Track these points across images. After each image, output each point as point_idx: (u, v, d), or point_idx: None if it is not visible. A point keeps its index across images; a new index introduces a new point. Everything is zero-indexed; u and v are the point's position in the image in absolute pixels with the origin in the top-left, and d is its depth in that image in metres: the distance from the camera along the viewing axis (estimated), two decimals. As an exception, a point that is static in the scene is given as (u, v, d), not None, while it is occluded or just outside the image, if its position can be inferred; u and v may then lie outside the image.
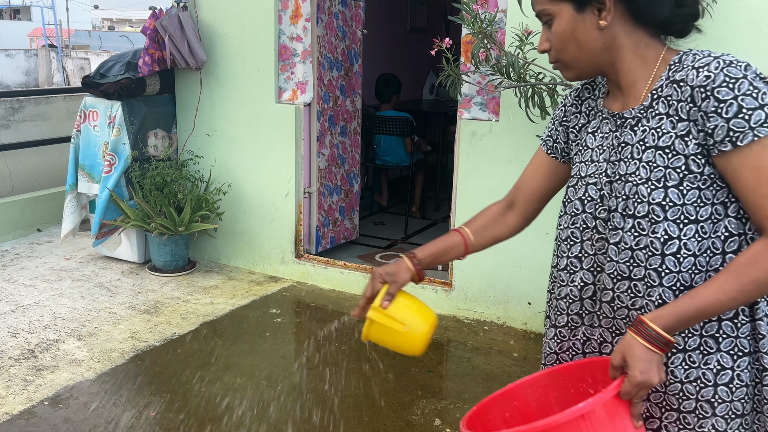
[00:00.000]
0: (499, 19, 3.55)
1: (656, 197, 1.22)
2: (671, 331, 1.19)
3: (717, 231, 1.22)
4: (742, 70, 1.17)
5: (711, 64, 1.19)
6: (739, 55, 3.27)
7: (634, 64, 1.30)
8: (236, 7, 4.41)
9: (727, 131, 1.16)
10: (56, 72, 19.59)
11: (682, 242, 1.22)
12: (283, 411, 2.97)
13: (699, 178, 1.20)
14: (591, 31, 1.29)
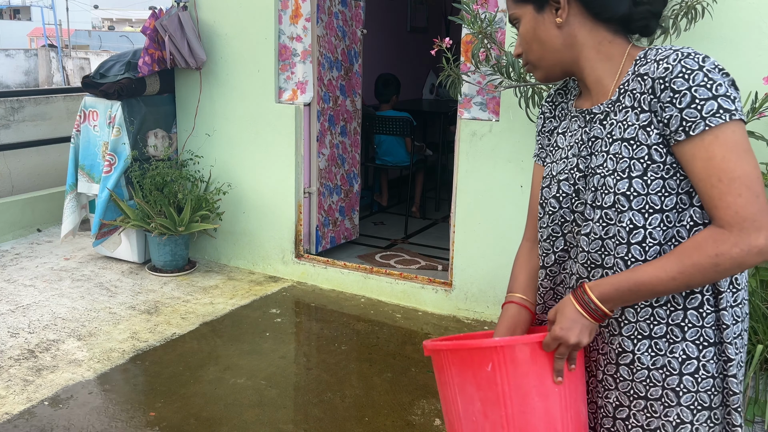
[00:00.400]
0: (499, 18, 3.55)
1: (621, 187, 1.24)
2: (607, 300, 1.24)
3: (682, 220, 1.24)
4: (699, 62, 1.19)
5: (670, 56, 1.21)
6: (739, 55, 3.28)
7: (597, 61, 1.32)
8: (236, 7, 4.41)
9: (680, 121, 1.18)
10: (56, 72, 19.59)
11: (647, 231, 1.24)
12: (283, 411, 2.97)
13: (662, 168, 1.22)
14: (551, 29, 1.33)
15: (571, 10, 1.30)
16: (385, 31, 6.65)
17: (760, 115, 2.73)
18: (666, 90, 1.20)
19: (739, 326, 1.29)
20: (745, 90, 2.93)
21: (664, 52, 1.23)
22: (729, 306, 1.26)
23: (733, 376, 1.26)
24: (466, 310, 3.98)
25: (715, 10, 3.03)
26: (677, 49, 1.22)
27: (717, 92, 1.17)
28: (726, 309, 1.25)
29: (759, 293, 2.64)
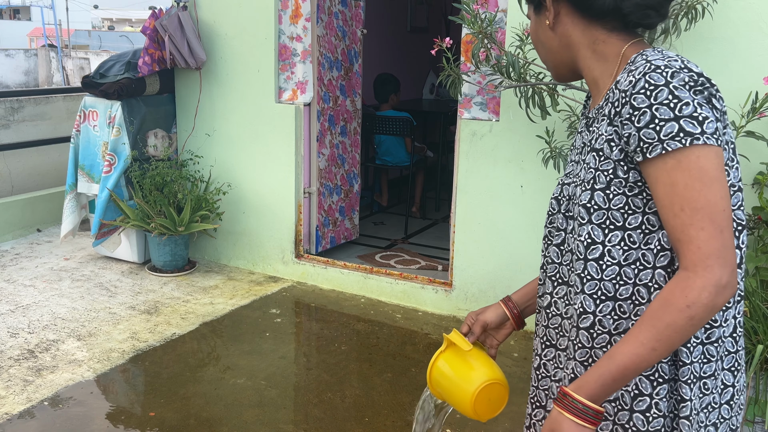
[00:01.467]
0: (499, 18, 3.55)
1: (583, 199, 1.18)
2: (598, 398, 1.11)
3: (649, 243, 1.13)
4: (667, 76, 1.08)
5: (640, 67, 1.11)
6: (739, 54, 3.27)
7: (592, 60, 1.25)
8: (236, 7, 4.41)
9: (638, 141, 1.09)
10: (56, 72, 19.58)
11: (605, 248, 1.16)
12: (283, 411, 2.97)
13: (625, 184, 1.14)
14: (547, 30, 1.29)
15: (561, 11, 1.25)
16: (385, 31, 6.65)
17: (760, 115, 2.73)
18: (626, 105, 1.11)
19: (712, 365, 1.18)
20: (745, 90, 2.94)
21: (641, 60, 1.14)
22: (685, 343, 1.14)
23: (685, 417, 1.15)
24: (466, 310, 3.98)
25: (715, 10, 3.03)
26: (652, 59, 1.12)
27: (680, 113, 1.05)
28: (682, 346, 1.14)
29: (759, 293, 2.64)
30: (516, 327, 1.50)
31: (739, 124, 2.78)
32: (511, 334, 1.51)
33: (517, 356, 3.53)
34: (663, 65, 1.09)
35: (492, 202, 3.79)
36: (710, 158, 1.05)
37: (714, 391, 1.19)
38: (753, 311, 2.55)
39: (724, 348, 1.19)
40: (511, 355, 3.54)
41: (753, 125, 2.84)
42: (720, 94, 1.12)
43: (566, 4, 1.24)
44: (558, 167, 3.16)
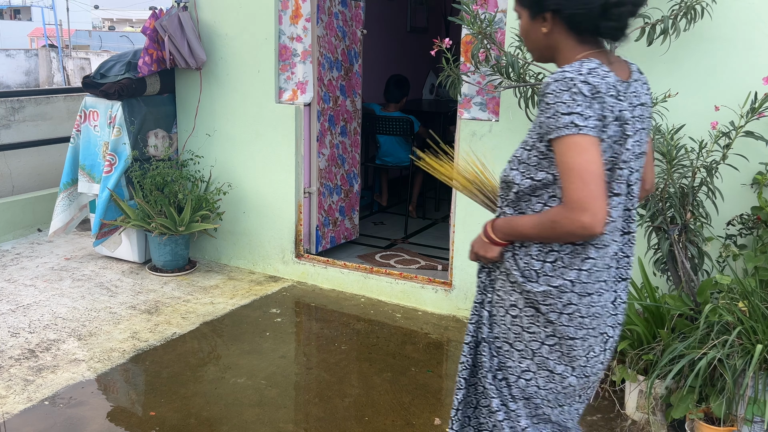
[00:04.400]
0: (498, 19, 3.55)
1: (516, 153, 1.75)
2: (497, 231, 1.75)
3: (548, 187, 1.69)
4: (567, 82, 1.54)
5: (557, 72, 1.58)
6: (739, 55, 3.27)
7: (565, 61, 1.68)
8: (236, 7, 4.41)
9: (546, 127, 1.58)
10: (56, 72, 19.60)
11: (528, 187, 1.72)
12: (283, 411, 2.97)
13: (540, 153, 1.66)
14: (539, 33, 1.73)
15: (555, 26, 1.68)
16: (385, 31, 6.65)
17: (759, 115, 2.73)
18: (542, 100, 1.59)
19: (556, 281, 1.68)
20: (745, 90, 2.94)
21: (567, 66, 1.59)
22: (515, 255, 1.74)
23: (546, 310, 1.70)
24: (465, 309, 3.98)
25: (715, 10, 3.03)
26: (568, 69, 1.57)
27: (569, 110, 1.53)
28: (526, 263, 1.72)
29: (758, 293, 2.64)
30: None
31: (738, 124, 2.78)
32: None
33: (516, 356, 3.53)
34: (570, 73, 1.56)
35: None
36: (586, 141, 1.54)
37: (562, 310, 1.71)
38: (752, 311, 2.56)
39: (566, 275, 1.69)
40: (510, 354, 3.54)
41: (752, 125, 2.85)
42: (614, 100, 1.57)
43: (560, 20, 1.67)
44: (558, 167, 3.16)
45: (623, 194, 1.68)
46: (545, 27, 1.69)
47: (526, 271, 1.71)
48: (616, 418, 2.94)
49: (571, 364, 1.74)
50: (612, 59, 1.69)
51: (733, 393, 2.47)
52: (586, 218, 1.53)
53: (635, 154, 1.68)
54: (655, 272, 3.14)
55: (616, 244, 1.71)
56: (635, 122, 1.66)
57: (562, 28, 1.67)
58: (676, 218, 2.89)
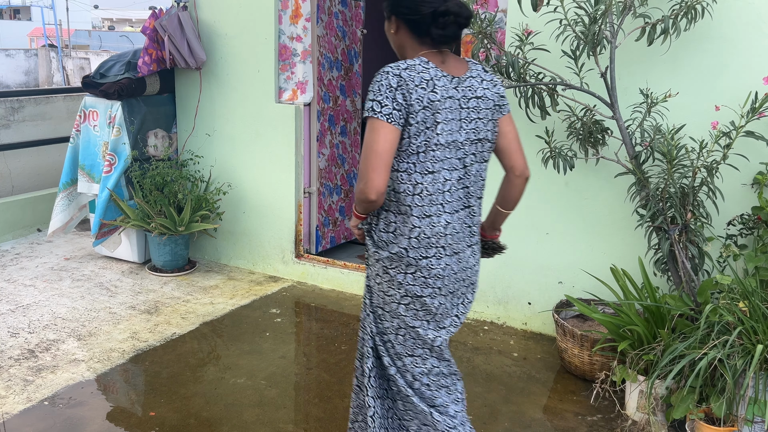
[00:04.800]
0: (499, 19, 3.55)
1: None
2: (354, 204, 2.01)
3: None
4: (383, 74, 1.90)
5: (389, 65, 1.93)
6: (739, 55, 3.27)
7: (408, 58, 2.02)
8: (236, 7, 4.41)
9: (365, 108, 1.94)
10: (56, 72, 19.58)
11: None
12: (283, 411, 2.97)
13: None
14: (390, 33, 2.11)
15: (400, 28, 2.04)
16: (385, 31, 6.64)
17: (760, 115, 2.73)
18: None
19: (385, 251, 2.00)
20: (745, 90, 2.94)
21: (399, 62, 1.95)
22: (375, 226, 2.05)
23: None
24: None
25: (715, 10, 3.03)
26: (392, 65, 1.92)
27: (374, 97, 1.88)
28: (373, 229, 2.05)
29: (759, 293, 2.64)
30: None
31: (738, 124, 2.78)
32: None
33: (516, 356, 3.53)
34: (388, 68, 1.91)
35: (491, 202, 3.78)
36: (376, 124, 1.86)
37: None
38: (753, 311, 2.55)
39: (392, 239, 2.01)
40: (510, 354, 3.54)
41: (753, 125, 2.84)
42: (424, 92, 1.88)
43: (404, 25, 2.03)
44: (558, 167, 3.16)
45: (453, 171, 1.99)
46: (392, 28, 2.08)
47: (378, 242, 2.03)
48: (616, 418, 2.94)
49: (425, 318, 2.04)
50: (447, 59, 2.02)
51: (733, 393, 2.46)
52: (361, 185, 1.88)
53: (470, 139, 2.01)
54: (656, 272, 3.14)
55: (450, 215, 2.00)
56: (470, 112, 1.99)
57: (406, 30, 2.03)
58: (677, 218, 2.89)
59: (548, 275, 3.71)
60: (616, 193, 3.42)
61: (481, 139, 2.05)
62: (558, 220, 3.63)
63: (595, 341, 3.12)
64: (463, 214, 2.04)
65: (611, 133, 3.22)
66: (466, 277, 2.08)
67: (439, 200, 1.97)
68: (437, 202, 1.97)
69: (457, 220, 2.02)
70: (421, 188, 1.94)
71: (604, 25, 2.87)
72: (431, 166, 1.94)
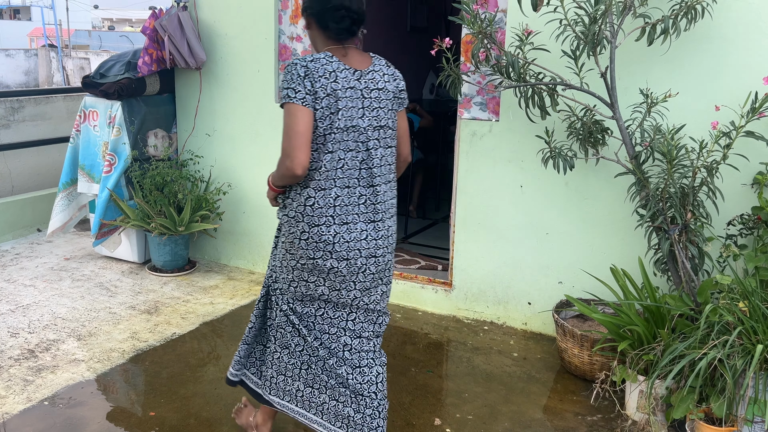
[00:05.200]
0: (499, 19, 3.55)
1: None
2: (270, 177, 2.39)
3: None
4: (292, 66, 2.18)
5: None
6: (739, 54, 3.27)
7: (318, 51, 2.30)
8: (236, 7, 4.41)
9: (279, 97, 2.43)
10: (56, 72, 19.59)
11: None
12: (283, 411, 2.97)
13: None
14: (306, 30, 2.38)
15: (311, 25, 2.32)
16: (385, 31, 6.65)
17: (760, 115, 2.73)
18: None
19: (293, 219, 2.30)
20: (745, 90, 2.94)
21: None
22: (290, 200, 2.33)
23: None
24: (466, 309, 3.98)
25: (715, 10, 3.03)
26: (300, 57, 2.23)
27: (284, 86, 2.17)
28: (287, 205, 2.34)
29: (758, 293, 2.64)
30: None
31: (738, 123, 2.78)
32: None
33: (516, 356, 3.53)
34: (296, 60, 2.19)
35: (492, 202, 3.79)
36: (293, 108, 2.16)
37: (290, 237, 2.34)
38: (753, 311, 2.55)
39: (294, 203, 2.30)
40: (510, 354, 3.54)
41: (753, 125, 2.84)
42: (327, 81, 2.18)
43: (313, 20, 2.30)
44: (558, 167, 3.16)
45: (356, 153, 2.24)
46: (306, 24, 2.35)
47: (282, 207, 2.35)
48: (616, 418, 2.94)
49: (320, 277, 2.31)
50: (350, 54, 2.28)
51: (733, 393, 2.46)
52: (288, 162, 2.17)
53: (372, 126, 2.27)
54: (656, 272, 3.14)
55: (340, 189, 2.25)
56: (371, 102, 2.27)
57: (315, 25, 2.30)
58: (677, 218, 2.89)
59: (548, 275, 3.71)
60: (616, 193, 3.42)
61: (383, 126, 2.30)
62: (558, 220, 3.63)
63: (595, 341, 3.12)
64: (364, 192, 2.28)
65: (611, 133, 3.22)
66: (362, 248, 2.28)
67: (332, 176, 2.23)
68: (331, 178, 2.23)
69: (348, 195, 2.26)
70: (320, 165, 2.22)
71: (604, 25, 2.87)
72: (331, 146, 2.22)
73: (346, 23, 2.25)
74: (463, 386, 3.21)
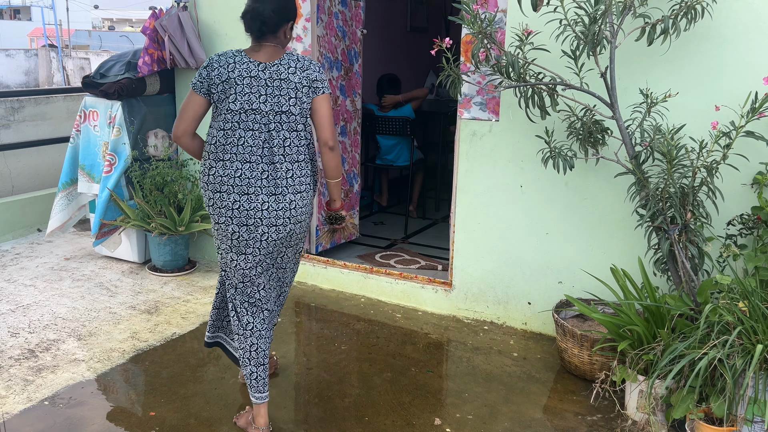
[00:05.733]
0: (499, 18, 3.55)
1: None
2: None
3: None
4: (208, 59, 2.60)
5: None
6: (739, 54, 3.27)
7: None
8: (236, 7, 4.40)
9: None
10: (56, 72, 19.59)
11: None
12: (283, 411, 2.97)
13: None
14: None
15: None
16: (385, 31, 6.65)
17: (760, 115, 2.73)
18: None
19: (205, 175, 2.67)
20: (745, 90, 2.94)
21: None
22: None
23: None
24: (465, 309, 3.98)
25: (715, 10, 3.03)
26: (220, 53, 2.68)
27: (197, 73, 2.63)
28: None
29: (758, 293, 2.64)
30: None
31: (738, 123, 2.78)
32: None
33: (516, 356, 3.53)
34: (210, 56, 2.64)
35: (492, 202, 3.79)
36: (190, 91, 2.64)
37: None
38: (753, 311, 2.55)
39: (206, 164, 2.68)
40: (510, 354, 3.54)
41: (753, 125, 2.85)
42: (225, 70, 2.59)
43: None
44: (558, 167, 3.16)
45: (258, 133, 2.56)
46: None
47: (198, 174, 2.68)
48: (616, 418, 2.94)
49: (225, 242, 2.64)
50: (261, 50, 2.63)
51: (733, 393, 2.47)
52: (173, 131, 2.70)
53: (274, 110, 2.56)
54: (656, 272, 3.14)
55: (241, 164, 2.56)
56: (273, 90, 2.56)
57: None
58: (677, 218, 2.89)
59: (548, 275, 3.71)
60: (616, 193, 3.42)
61: (285, 112, 2.57)
62: (558, 220, 3.63)
63: (594, 341, 3.12)
64: (266, 168, 2.57)
65: (611, 133, 3.22)
66: (263, 217, 2.58)
67: (232, 150, 2.57)
68: (231, 152, 2.57)
69: (251, 169, 2.56)
70: (215, 140, 2.62)
71: (604, 25, 2.87)
72: (224, 124, 2.60)
73: (256, 25, 2.62)
74: (463, 386, 3.21)
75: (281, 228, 2.62)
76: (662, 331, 2.78)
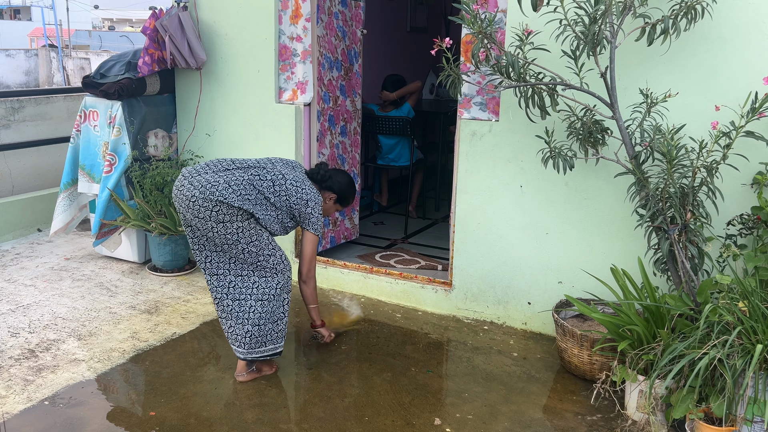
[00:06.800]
0: (499, 19, 3.55)
1: None
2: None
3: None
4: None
5: None
6: (739, 55, 3.27)
7: None
8: (236, 7, 4.41)
9: None
10: (56, 72, 19.59)
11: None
12: (283, 411, 2.97)
13: None
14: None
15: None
16: (385, 31, 6.65)
17: (760, 115, 2.73)
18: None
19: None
20: (745, 90, 2.94)
21: None
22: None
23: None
24: (465, 309, 3.98)
25: (715, 10, 3.03)
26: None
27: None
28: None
29: (759, 293, 2.64)
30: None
31: (738, 124, 2.78)
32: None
33: (516, 356, 3.53)
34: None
35: (492, 202, 3.79)
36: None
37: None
38: (753, 311, 2.55)
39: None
40: (510, 354, 3.54)
41: (753, 125, 2.85)
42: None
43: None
44: (558, 167, 3.16)
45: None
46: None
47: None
48: (616, 418, 2.94)
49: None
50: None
51: (733, 393, 2.47)
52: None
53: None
54: (656, 272, 3.14)
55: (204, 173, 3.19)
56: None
57: None
58: (677, 218, 2.89)
59: (548, 275, 3.71)
60: (615, 193, 3.42)
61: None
62: (558, 220, 3.63)
63: (594, 341, 3.12)
64: (225, 175, 3.20)
65: (611, 133, 3.22)
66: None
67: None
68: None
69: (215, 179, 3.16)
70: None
71: (604, 25, 2.88)
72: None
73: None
74: (463, 386, 3.21)
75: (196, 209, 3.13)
76: (662, 331, 2.78)
